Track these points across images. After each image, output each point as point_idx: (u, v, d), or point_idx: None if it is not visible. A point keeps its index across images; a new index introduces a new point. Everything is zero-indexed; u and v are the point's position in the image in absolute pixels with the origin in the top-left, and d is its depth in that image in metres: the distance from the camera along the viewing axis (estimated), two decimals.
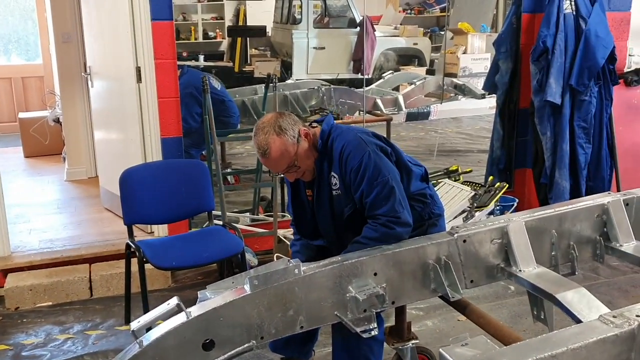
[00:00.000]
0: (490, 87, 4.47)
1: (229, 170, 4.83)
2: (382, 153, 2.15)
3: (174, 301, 1.79)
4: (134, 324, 1.77)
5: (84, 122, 5.34)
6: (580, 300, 1.79)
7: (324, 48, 7.28)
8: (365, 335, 1.92)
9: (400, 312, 2.36)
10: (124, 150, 4.03)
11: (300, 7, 7.46)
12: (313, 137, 2.20)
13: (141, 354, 1.73)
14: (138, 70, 3.66)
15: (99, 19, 4.17)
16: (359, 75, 6.93)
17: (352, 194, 2.13)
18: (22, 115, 6.67)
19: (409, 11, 9.03)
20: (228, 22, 8.77)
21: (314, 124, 2.27)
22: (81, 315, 3.30)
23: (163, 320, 1.81)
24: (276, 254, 3.55)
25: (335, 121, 2.29)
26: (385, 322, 2.36)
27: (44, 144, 6.30)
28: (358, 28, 7.09)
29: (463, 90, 7.42)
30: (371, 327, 1.93)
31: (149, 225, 3.83)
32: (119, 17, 3.69)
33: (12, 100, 7.56)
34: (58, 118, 6.06)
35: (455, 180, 4.04)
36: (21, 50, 8.38)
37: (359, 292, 1.91)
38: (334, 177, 2.17)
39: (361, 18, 7.07)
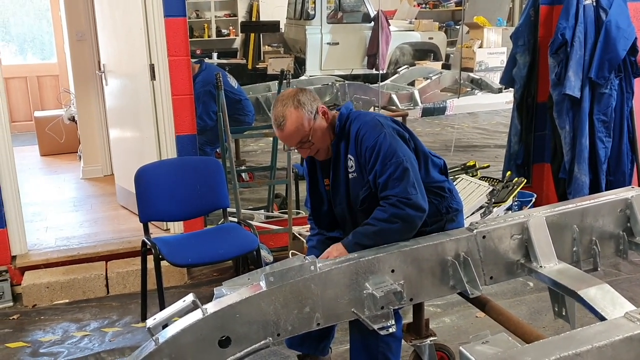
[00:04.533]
0: (507, 81, 4.41)
1: (243, 167, 4.82)
2: (399, 137, 2.13)
3: (189, 298, 1.78)
4: (150, 321, 1.76)
5: (99, 120, 5.36)
6: (603, 297, 1.75)
7: (337, 44, 7.24)
8: (382, 333, 1.90)
9: (418, 309, 2.33)
10: (139, 147, 4.04)
11: (314, 2, 7.42)
12: (332, 118, 2.20)
13: (157, 351, 1.72)
14: (152, 67, 3.65)
15: (112, 17, 4.17)
16: (374, 71, 6.88)
17: (367, 175, 2.11)
18: (37, 114, 6.71)
19: (423, 5, 8.95)
20: (241, 18, 8.77)
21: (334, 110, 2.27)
22: (98, 312, 3.30)
23: (179, 317, 1.80)
24: (291, 251, 3.54)
25: None
26: (403, 319, 2.33)
27: (59, 143, 6.34)
28: (372, 23, 7.03)
29: (479, 85, 7.34)
30: (389, 324, 1.91)
31: (164, 222, 3.83)
32: (132, 15, 3.68)
33: (28, 99, 7.62)
34: (73, 116, 6.09)
35: (472, 176, 3.99)
36: (36, 50, 8.44)
37: (376, 289, 1.89)
38: (351, 159, 2.16)
39: (375, 13, 7.02)
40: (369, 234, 2.02)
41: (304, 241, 3.54)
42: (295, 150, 2.26)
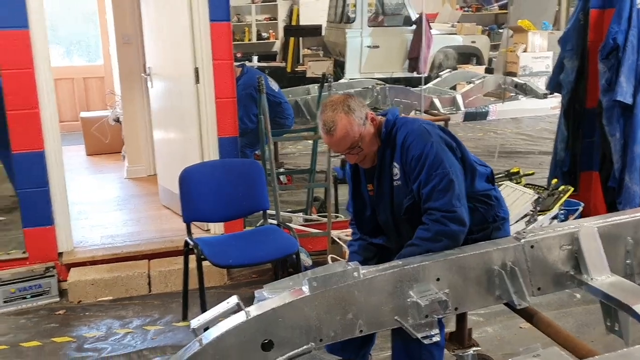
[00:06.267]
0: (554, 86, 4.30)
1: (281, 170, 4.84)
2: (447, 147, 2.09)
3: (233, 300, 1.79)
4: (194, 322, 1.77)
5: (143, 121, 5.46)
6: None
7: (378, 47, 7.22)
8: (426, 342, 1.87)
9: (461, 318, 2.29)
10: (182, 149, 4.09)
11: (354, 6, 7.42)
12: (379, 124, 2.18)
13: (201, 352, 1.73)
14: (196, 71, 3.70)
15: (159, 21, 4.25)
16: (414, 74, 6.83)
17: (411, 184, 2.09)
18: (83, 114, 6.88)
19: (466, 9, 8.85)
20: (281, 22, 8.83)
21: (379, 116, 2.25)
22: (140, 310, 3.36)
23: (222, 319, 1.80)
24: (330, 255, 3.53)
25: None
26: (445, 328, 2.29)
27: (104, 143, 6.49)
28: (414, 26, 6.98)
29: (524, 90, 7.19)
30: (433, 333, 1.87)
31: (205, 223, 3.87)
32: (179, 19, 3.74)
33: (74, 100, 7.83)
34: (118, 117, 6.22)
35: (517, 183, 3.90)
36: (83, 52, 8.68)
37: (421, 298, 1.86)
38: (396, 166, 2.14)
39: (417, 16, 6.97)
40: (415, 255, 2.00)
41: (343, 245, 3.53)
42: (340, 155, 2.25)
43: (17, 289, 3.42)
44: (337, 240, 3.60)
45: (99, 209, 4.71)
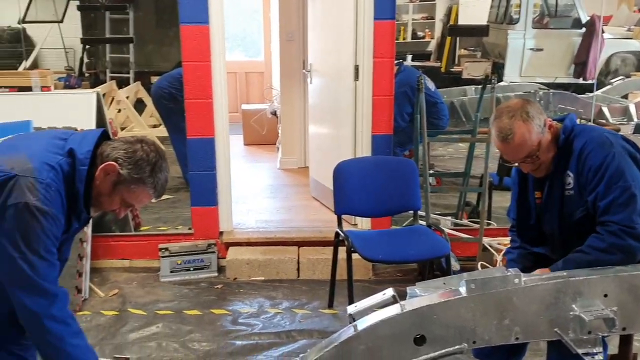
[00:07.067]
0: None
1: (431, 172, 4.80)
2: (630, 158, 1.95)
3: (389, 292, 1.83)
4: (351, 308, 1.84)
5: (299, 116, 5.72)
6: None
7: (541, 50, 6.86)
8: (587, 359, 1.77)
9: (626, 340, 2.14)
10: (336, 144, 4.23)
11: (519, 6, 7.11)
12: (556, 130, 2.08)
13: (355, 338, 1.79)
14: (356, 68, 3.80)
15: (324, 19, 4.42)
16: (580, 80, 6.40)
17: (586, 195, 1.98)
18: (244, 106, 7.37)
19: None
20: (438, 21, 8.71)
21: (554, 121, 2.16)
22: (289, 293, 3.54)
23: (377, 309, 1.86)
24: (480, 262, 3.45)
25: None
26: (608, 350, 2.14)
27: (261, 134, 6.89)
28: (583, 29, 6.53)
29: None
30: (595, 351, 1.77)
31: (354, 217, 3.97)
32: (343, 17, 3.87)
33: (236, 92, 8.40)
34: (275, 111, 6.58)
35: None
36: (243, 48, 9.29)
37: (585, 312, 1.76)
38: (569, 175, 2.04)
39: (587, 18, 6.51)
40: (582, 263, 1.90)
41: (495, 253, 3.44)
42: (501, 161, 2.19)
43: (182, 261, 3.77)
44: (489, 247, 3.50)
45: (254, 194, 5.02)
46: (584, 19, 6.63)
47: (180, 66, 3.78)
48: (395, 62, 3.99)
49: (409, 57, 8.10)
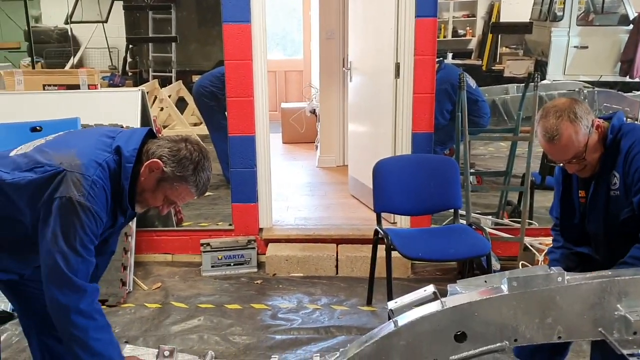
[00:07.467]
0: None
1: (472, 170, 4.75)
2: None
3: (430, 289, 1.83)
4: (391, 304, 1.84)
5: (338, 114, 5.74)
6: None
7: (586, 47, 6.71)
8: None
9: None
10: (375, 142, 4.23)
11: (563, 3, 6.97)
12: (604, 130, 2.05)
13: (396, 333, 1.80)
14: (397, 66, 3.80)
15: (365, 16, 4.43)
16: (627, 78, 6.23)
17: (631, 196, 1.94)
18: (283, 105, 7.43)
19: None
20: (480, 19, 8.60)
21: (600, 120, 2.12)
22: (327, 289, 3.57)
23: (417, 306, 1.86)
24: (521, 262, 3.41)
25: None
26: None
27: (299, 132, 6.94)
28: (630, 26, 6.35)
29: None
30: None
31: (392, 215, 3.97)
32: (385, 14, 3.87)
33: (275, 91, 8.48)
34: (314, 109, 6.62)
35: None
36: (283, 47, 9.35)
37: (631, 312, 1.73)
38: (615, 175, 2.01)
39: (635, 14, 6.33)
40: None
41: (536, 253, 3.39)
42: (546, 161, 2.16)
43: (223, 256, 3.84)
44: (530, 247, 3.46)
45: (292, 192, 5.07)
46: (632, 15, 6.45)
47: (221, 65, 3.85)
48: (437, 60, 3.97)
49: (450, 55, 8.03)
